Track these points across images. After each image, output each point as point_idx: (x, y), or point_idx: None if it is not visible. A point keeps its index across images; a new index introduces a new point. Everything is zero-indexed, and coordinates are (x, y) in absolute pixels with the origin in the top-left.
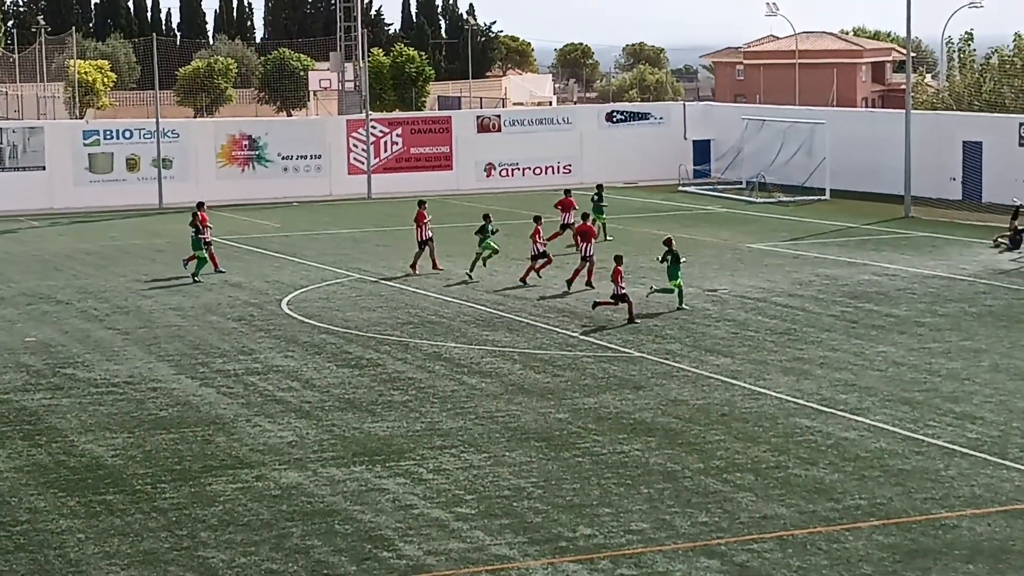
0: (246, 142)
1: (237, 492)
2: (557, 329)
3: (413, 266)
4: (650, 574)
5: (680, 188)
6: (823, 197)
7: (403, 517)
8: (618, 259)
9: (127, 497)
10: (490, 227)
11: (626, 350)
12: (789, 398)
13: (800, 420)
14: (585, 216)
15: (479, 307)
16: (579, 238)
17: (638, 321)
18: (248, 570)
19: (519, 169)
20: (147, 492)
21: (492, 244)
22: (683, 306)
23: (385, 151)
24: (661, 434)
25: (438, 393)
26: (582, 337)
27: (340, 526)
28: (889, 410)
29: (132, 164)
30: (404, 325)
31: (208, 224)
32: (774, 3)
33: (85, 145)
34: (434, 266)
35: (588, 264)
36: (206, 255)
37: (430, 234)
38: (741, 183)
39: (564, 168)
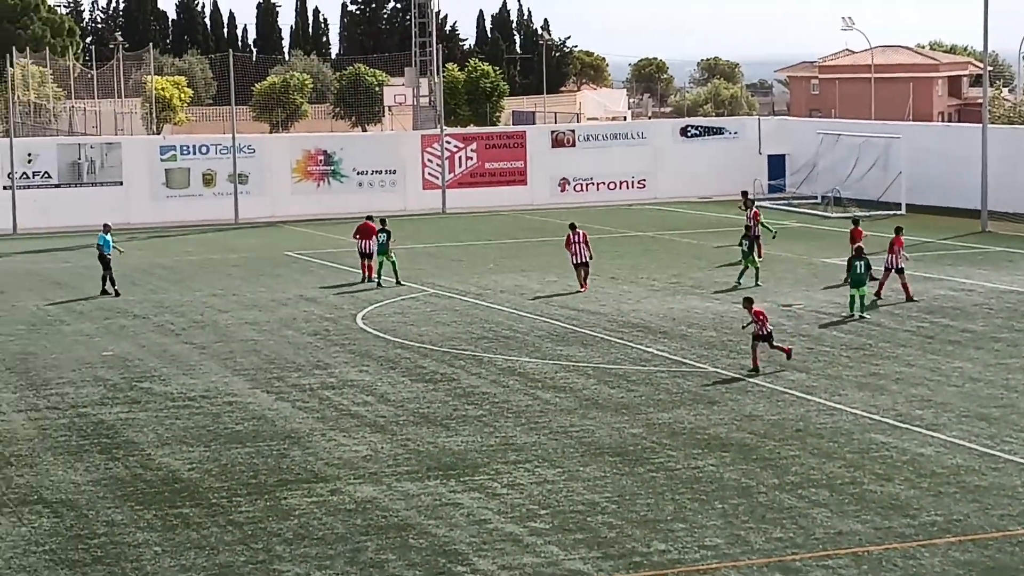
0: (321, 157)
1: (312, 506)
2: (631, 344)
3: (583, 284)
4: None
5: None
6: (899, 212)
7: (477, 532)
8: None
9: (203, 510)
10: None
11: (701, 365)
12: (864, 414)
13: (875, 436)
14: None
15: (553, 322)
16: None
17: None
18: None
19: (593, 184)
20: (223, 505)
21: None
22: (863, 315)
23: (460, 166)
24: (736, 449)
25: (512, 408)
26: (656, 352)
27: (414, 540)
28: (965, 426)
29: (208, 179)
30: (478, 340)
31: (377, 235)
32: (850, 17)
33: (162, 160)
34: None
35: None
36: (384, 260)
37: (586, 257)
38: (816, 198)
39: (638, 183)
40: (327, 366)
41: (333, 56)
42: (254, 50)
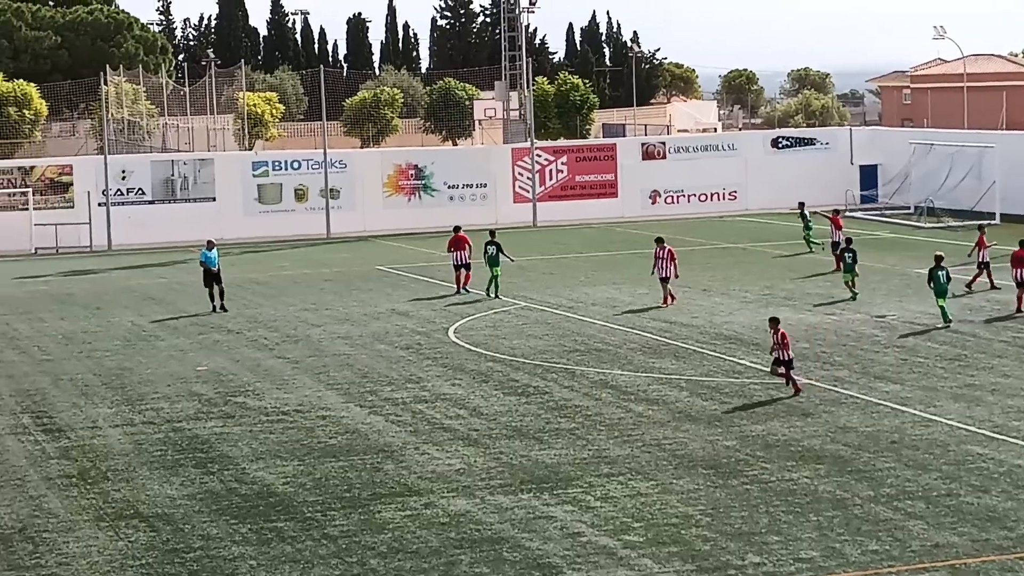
0: (412, 172)
1: (406, 520)
2: (724, 356)
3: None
4: None
5: (847, 213)
6: (993, 221)
7: (571, 545)
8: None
9: (297, 524)
10: None
11: (794, 377)
12: (960, 425)
13: (972, 447)
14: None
15: (645, 334)
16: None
17: (802, 396)
18: None
19: (684, 196)
20: (317, 519)
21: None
22: (948, 323)
23: (550, 179)
24: (830, 461)
25: (605, 421)
26: (749, 364)
27: (508, 553)
28: None
29: (300, 194)
30: (570, 353)
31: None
32: (942, 26)
33: (254, 176)
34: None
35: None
36: (500, 272)
37: (667, 273)
38: (909, 208)
39: (730, 194)
40: (420, 380)
41: (423, 70)
42: (345, 65)
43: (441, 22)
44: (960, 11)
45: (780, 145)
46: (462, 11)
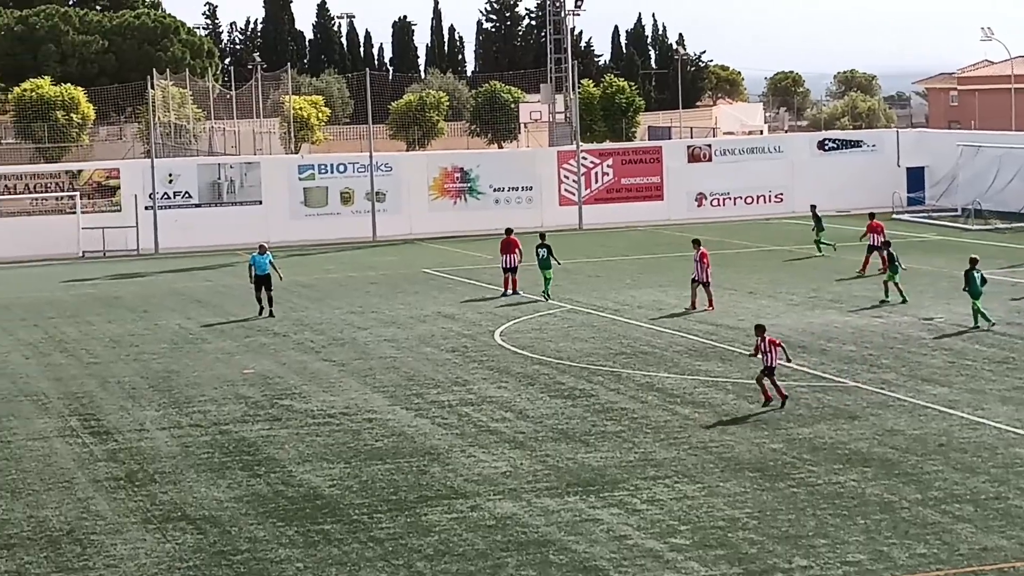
0: (458, 174)
1: (452, 522)
2: None
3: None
4: None
5: (894, 216)
6: None
7: (617, 547)
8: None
9: (344, 527)
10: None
11: (841, 380)
12: (1008, 428)
13: (1020, 450)
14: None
15: (691, 337)
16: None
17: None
18: None
19: (730, 198)
20: (364, 522)
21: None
22: (978, 324)
23: (596, 182)
24: (877, 464)
25: (651, 423)
26: (795, 367)
27: (555, 556)
28: None
29: (346, 197)
30: (616, 355)
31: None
32: (989, 28)
33: (300, 179)
34: None
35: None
36: (546, 274)
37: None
38: (956, 210)
39: (776, 197)
40: (466, 383)
41: (469, 73)
42: (390, 69)
43: (486, 25)
44: (1008, 13)
45: (826, 147)
46: (507, 14)
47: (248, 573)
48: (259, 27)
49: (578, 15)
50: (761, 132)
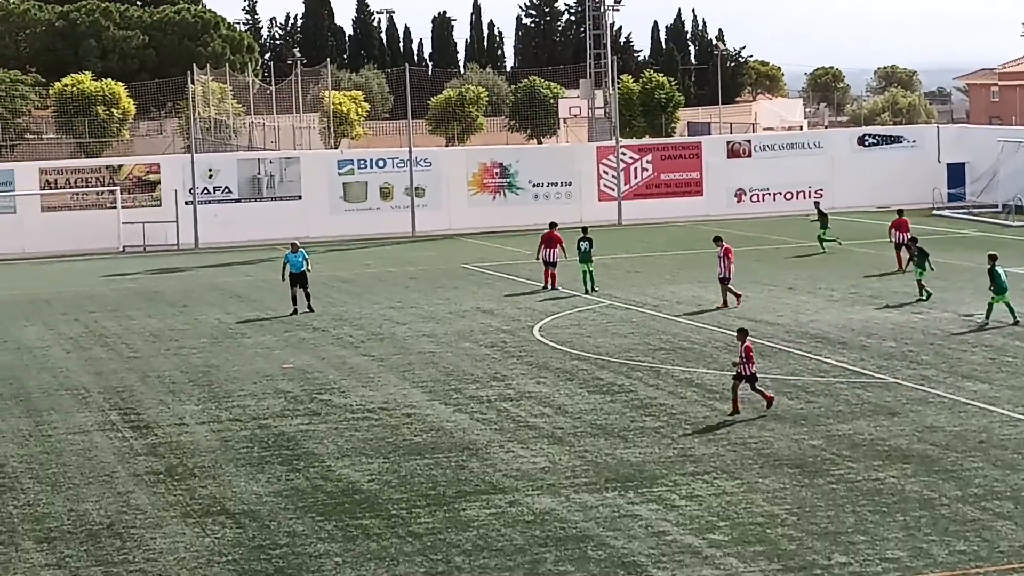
0: (497, 170)
1: (491, 517)
2: (810, 355)
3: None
4: None
5: (934, 212)
6: None
7: (656, 543)
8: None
9: (383, 521)
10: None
11: (880, 376)
12: None
13: None
14: None
15: (731, 333)
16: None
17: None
18: None
19: (770, 194)
20: (402, 517)
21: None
22: (1018, 321)
23: (635, 177)
24: (917, 461)
25: (690, 419)
26: (835, 363)
27: (593, 552)
28: None
29: (386, 193)
30: (655, 351)
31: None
32: None
33: (340, 174)
34: None
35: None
36: (586, 268)
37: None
38: (997, 206)
39: (815, 193)
40: (504, 378)
41: (508, 69)
42: (430, 64)
43: (526, 20)
44: None
45: (866, 143)
46: (547, 9)
47: (287, 567)
48: (299, 22)
49: (617, 10)
50: (801, 128)
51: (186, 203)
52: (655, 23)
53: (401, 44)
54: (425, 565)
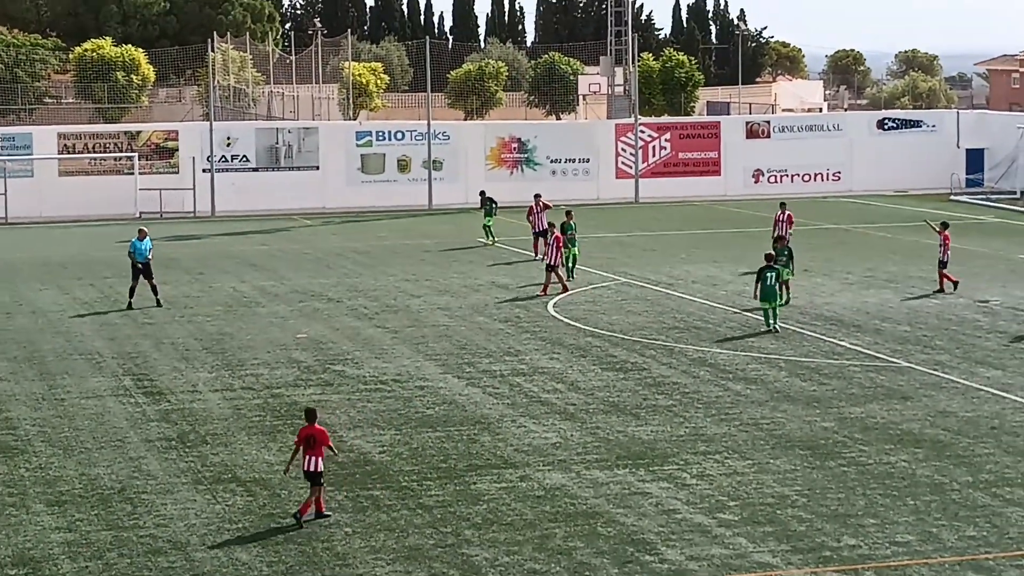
0: (515, 145)
1: (501, 491)
2: (824, 337)
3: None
4: None
5: (952, 197)
6: None
7: (666, 521)
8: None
9: (393, 493)
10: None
11: (894, 360)
12: None
13: None
14: None
15: (745, 313)
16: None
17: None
18: (511, 569)
19: (787, 176)
20: (413, 489)
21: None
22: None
23: (653, 155)
24: (929, 446)
25: (702, 398)
26: (849, 346)
27: (603, 528)
28: None
29: (403, 165)
30: (669, 330)
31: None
32: None
33: (358, 146)
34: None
35: None
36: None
37: None
38: (1015, 192)
39: (833, 175)
40: (518, 353)
41: (528, 44)
42: (450, 37)
43: None
44: None
45: (886, 127)
46: None
47: (297, 536)
48: None
49: None
50: (820, 110)
51: (203, 171)
52: (676, 2)
53: (422, 17)
54: (435, 537)
